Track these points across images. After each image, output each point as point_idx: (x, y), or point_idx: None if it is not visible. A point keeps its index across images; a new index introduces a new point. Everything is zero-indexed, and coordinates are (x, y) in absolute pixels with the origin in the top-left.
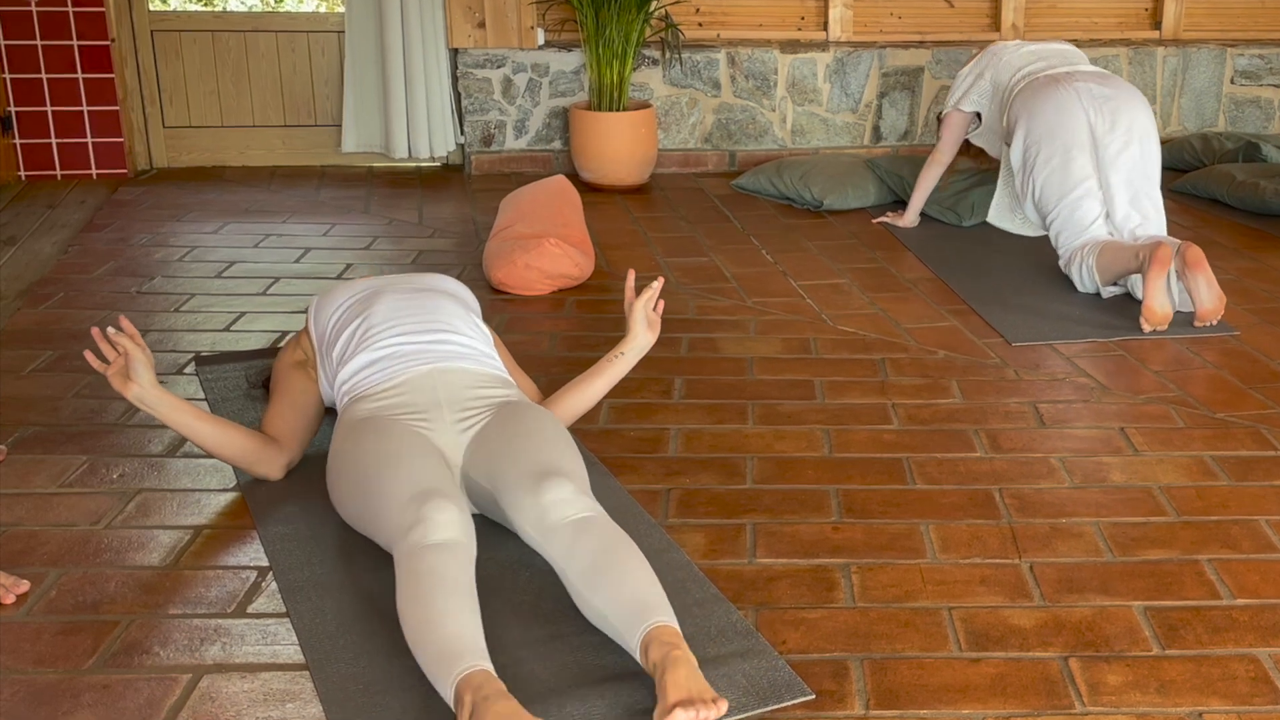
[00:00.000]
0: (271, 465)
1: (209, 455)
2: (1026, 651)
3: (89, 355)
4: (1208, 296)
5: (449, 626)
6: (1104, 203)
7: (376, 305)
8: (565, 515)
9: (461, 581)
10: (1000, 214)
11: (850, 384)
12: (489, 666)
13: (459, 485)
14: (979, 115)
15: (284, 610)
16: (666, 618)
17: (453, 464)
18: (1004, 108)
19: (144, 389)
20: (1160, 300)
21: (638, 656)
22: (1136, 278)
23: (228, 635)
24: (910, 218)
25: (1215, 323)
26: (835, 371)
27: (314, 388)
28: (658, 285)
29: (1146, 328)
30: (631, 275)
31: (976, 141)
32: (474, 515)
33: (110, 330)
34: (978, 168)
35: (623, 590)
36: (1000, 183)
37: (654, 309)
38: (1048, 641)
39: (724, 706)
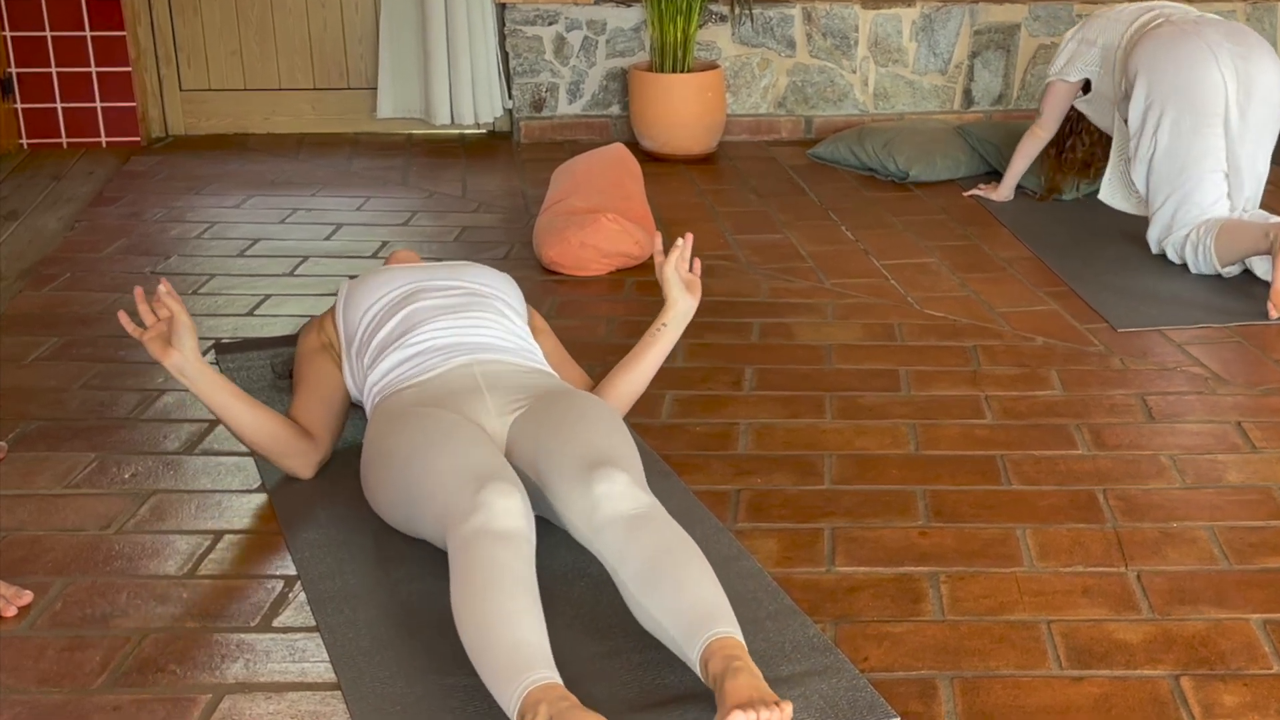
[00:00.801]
0: (305, 459)
1: (240, 440)
2: (1133, 669)
3: (123, 317)
4: None
5: (515, 631)
6: (1229, 178)
7: (412, 307)
8: (618, 510)
9: (527, 579)
10: (1113, 191)
11: (939, 374)
12: (559, 679)
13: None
14: (1087, 84)
15: (313, 624)
16: (730, 628)
17: (500, 451)
18: (1118, 70)
19: (185, 357)
20: None
21: (697, 670)
22: (1256, 258)
23: (251, 651)
24: (1005, 191)
25: None
26: (922, 360)
27: (339, 376)
28: (685, 242)
29: (1275, 314)
30: (658, 238)
31: (1084, 109)
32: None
33: (159, 289)
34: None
35: (681, 597)
36: (1113, 155)
37: (689, 269)
38: (1157, 659)
39: (788, 710)
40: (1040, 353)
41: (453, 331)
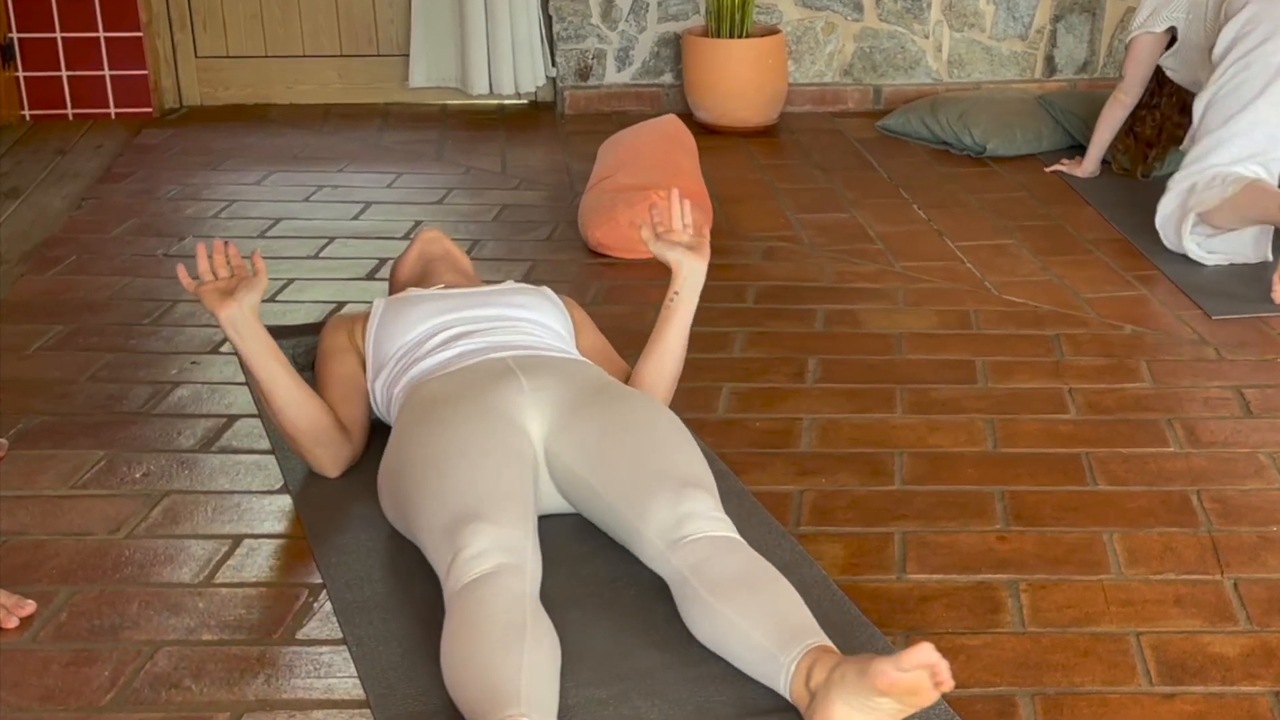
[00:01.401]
0: (337, 453)
1: (275, 418)
2: (1230, 685)
3: (181, 270)
4: None
5: (488, 676)
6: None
7: (444, 335)
8: (703, 530)
9: (508, 616)
10: None
11: (1018, 365)
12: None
13: (532, 471)
14: (1174, 38)
15: (340, 636)
16: (799, 644)
17: (534, 437)
18: (1212, 12)
19: (242, 311)
20: None
21: (786, 681)
22: (1248, 237)
23: (273, 666)
24: (1090, 166)
25: None
26: (1000, 350)
27: (365, 384)
28: (669, 199)
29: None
30: (647, 220)
31: (1169, 65)
32: (567, 515)
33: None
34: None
35: (776, 605)
36: None
37: (682, 226)
38: (1255, 674)
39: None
40: (1129, 342)
41: (485, 336)
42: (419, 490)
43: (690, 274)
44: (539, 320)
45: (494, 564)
